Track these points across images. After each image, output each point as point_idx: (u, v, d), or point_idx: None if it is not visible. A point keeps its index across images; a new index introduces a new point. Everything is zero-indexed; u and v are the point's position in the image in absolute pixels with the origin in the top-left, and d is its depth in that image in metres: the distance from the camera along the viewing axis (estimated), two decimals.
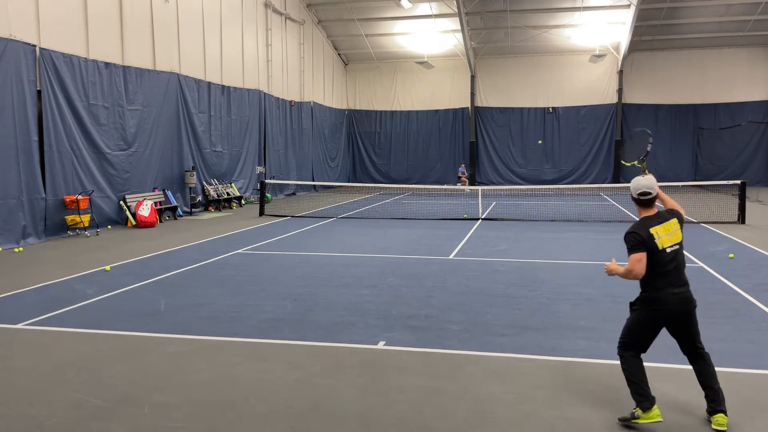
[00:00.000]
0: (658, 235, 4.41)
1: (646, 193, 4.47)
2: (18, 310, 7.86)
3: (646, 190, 4.47)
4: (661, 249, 4.40)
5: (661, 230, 4.44)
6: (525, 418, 4.61)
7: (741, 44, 30.89)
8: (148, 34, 17.89)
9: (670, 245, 4.42)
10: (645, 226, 4.44)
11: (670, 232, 4.45)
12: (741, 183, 16.61)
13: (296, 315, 7.51)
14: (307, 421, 4.59)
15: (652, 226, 4.44)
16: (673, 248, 4.43)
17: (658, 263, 4.40)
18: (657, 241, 4.40)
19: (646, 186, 4.48)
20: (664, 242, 4.41)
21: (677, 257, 4.44)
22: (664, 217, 4.50)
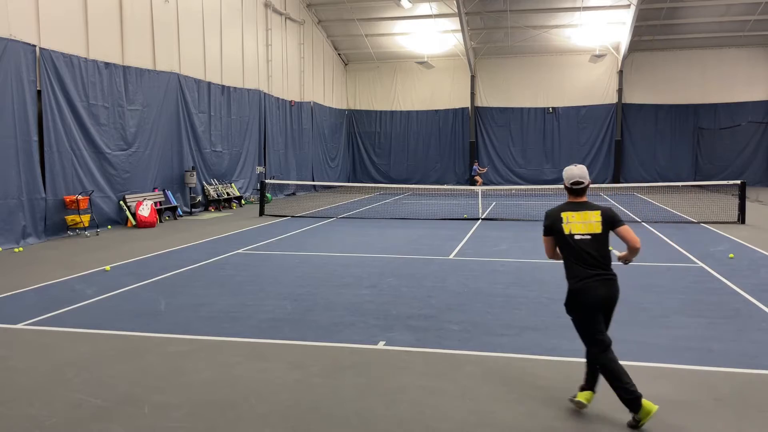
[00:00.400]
0: (568, 220, 4.54)
1: (578, 182, 4.63)
2: (18, 310, 7.86)
3: (578, 179, 4.63)
4: (568, 233, 4.52)
5: (576, 217, 4.54)
6: (525, 418, 4.61)
7: (741, 44, 30.89)
8: (148, 34, 17.89)
9: (580, 233, 4.51)
10: (559, 209, 4.63)
11: (586, 221, 4.52)
12: (741, 183, 16.61)
13: (296, 315, 7.51)
14: (307, 421, 4.59)
15: (567, 210, 4.59)
16: (583, 237, 4.50)
17: (568, 249, 4.56)
18: (564, 225, 4.54)
19: (578, 175, 4.63)
20: (573, 228, 4.52)
21: (591, 247, 4.50)
22: (587, 206, 4.59)
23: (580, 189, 4.63)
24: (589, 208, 4.57)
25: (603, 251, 4.52)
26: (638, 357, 5.85)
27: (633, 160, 32.79)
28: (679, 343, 6.28)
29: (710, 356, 5.88)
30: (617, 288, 4.55)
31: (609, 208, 4.61)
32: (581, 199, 4.65)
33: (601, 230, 4.51)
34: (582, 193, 4.64)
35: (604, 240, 4.54)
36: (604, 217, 4.53)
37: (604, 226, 4.52)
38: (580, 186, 4.62)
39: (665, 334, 6.59)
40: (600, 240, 4.52)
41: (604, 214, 4.54)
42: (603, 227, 4.52)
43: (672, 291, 8.54)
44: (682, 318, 7.19)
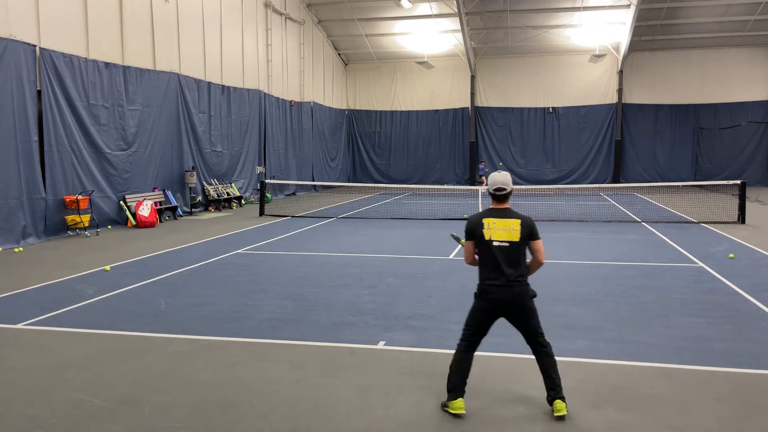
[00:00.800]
0: (489, 226, 4.64)
1: (501, 188, 4.71)
2: (18, 310, 7.86)
3: (501, 186, 4.71)
4: (488, 239, 4.62)
5: (498, 223, 4.63)
6: (525, 418, 4.61)
7: (741, 44, 30.90)
8: (148, 34, 17.90)
9: (499, 240, 4.61)
10: (480, 215, 4.72)
11: (506, 229, 4.62)
12: (741, 183, 16.61)
13: (296, 315, 7.51)
14: (307, 421, 4.59)
15: (488, 216, 4.68)
16: (501, 244, 4.60)
17: (484, 253, 4.66)
18: (485, 230, 4.64)
19: (501, 182, 4.71)
20: (494, 234, 4.62)
21: (506, 253, 4.59)
22: (509, 214, 4.68)
23: (502, 195, 4.72)
24: (510, 216, 4.66)
25: (517, 260, 4.62)
26: (638, 357, 5.86)
27: (633, 160, 32.79)
28: (679, 343, 6.28)
29: (710, 356, 5.88)
30: (523, 296, 4.61)
31: (529, 218, 4.70)
32: (504, 205, 4.74)
33: (520, 239, 4.60)
34: (504, 199, 4.74)
35: (521, 249, 4.63)
36: (524, 227, 4.62)
37: (522, 234, 4.60)
38: (502, 192, 4.71)
39: (665, 334, 6.59)
40: (516, 248, 4.61)
41: (524, 223, 4.63)
42: (521, 236, 4.60)
43: (672, 291, 8.54)
44: (682, 318, 7.18)
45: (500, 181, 4.71)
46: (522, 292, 4.61)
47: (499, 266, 4.59)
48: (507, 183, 4.73)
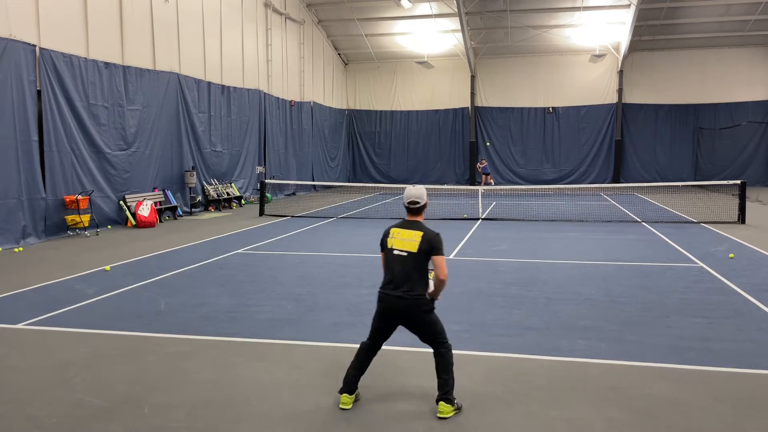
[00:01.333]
0: (393, 235, 4.75)
1: (414, 202, 4.79)
2: (18, 310, 7.86)
3: (414, 199, 4.79)
4: (390, 247, 4.73)
5: (401, 233, 4.72)
6: (525, 418, 4.61)
7: (741, 44, 30.89)
8: (148, 34, 17.89)
9: (399, 249, 4.68)
10: (392, 226, 4.84)
11: (406, 239, 4.68)
12: (741, 183, 16.60)
13: (296, 315, 7.51)
14: (308, 421, 4.59)
15: (397, 227, 4.79)
16: (399, 253, 4.67)
17: (386, 261, 4.77)
18: (390, 239, 4.76)
19: (414, 195, 4.80)
20: (395, 243, 4.71)
21: (402, 263, 4.65)
22: (414, 226, 4.74)
23: (415, 209, 4.80)
24: (416, 228, 4.71)
25: (414, 271, 4.63)
26: (638, 357, 5.86)
27: (633, 160, 32.78)
28: (679, 343, 6.28)
29: (710, 356, 5.88)
30: (412, 309, 4.65)
31: (436, 234, 4.71)
32: (415, 218, 4.82)
33: (417, 250, 4.62)
34: (417, 212, 4.81)
35: (419, 261, 4.64)
36: (424, 239, 4.65)
37: (421, 247, 4.62)
38: (415, 206, 4.79)
39: (665, 334, 6.59)
40: (414, 259, 4.63)
41: (425, 236, 4.66)
42: (419, 248, 4.62)
43: (672, 291, 8.54)
44: (682, 318, 7.19)
45: (413, 195, 4.79)
46: (411, 306, 4.64)
47: (396, 276, 4.67)
48: (420, 197, 4.80)
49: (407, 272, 4.65)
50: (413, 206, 4.80)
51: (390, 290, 4.70)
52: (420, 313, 4.68)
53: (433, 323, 4.75)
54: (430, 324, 4.73)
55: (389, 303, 4.71)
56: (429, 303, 4.74)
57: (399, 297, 4.65)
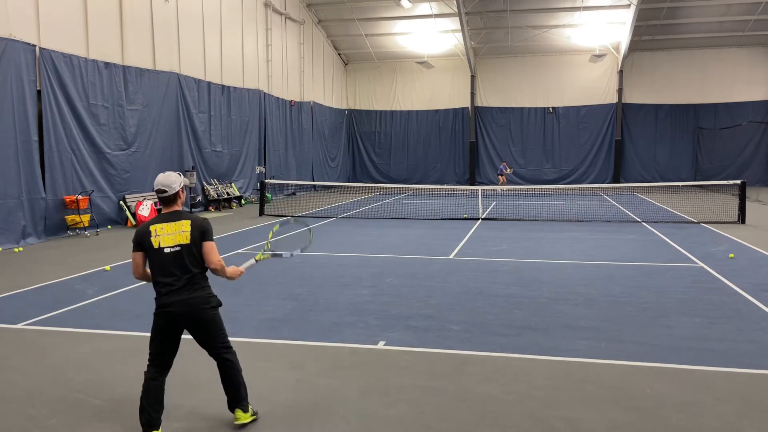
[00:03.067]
0: (157, 233, 4.22)
1: (161, 190, 4.27)
2: (18, 310, 7.86)
3: (160, 187, 4.27)
4: (157, 247, 4.20)
5: (166, 228, 4.22)
6: (525, 418, 4.61)
7: (741, 44, 30.89)
8: (148, 34, 17.89)
9: (170, 245, 4.20)
10: (149, 223, 4.29)
11: (175, 232, 4.22)
12: (741, 183, 16.61)
13: (296, 315, 7.51)
14: (307, 421, 4.59)
15: (157, 222, 4.26)
16: (173, 249, 4.19)
17: (156, 263, 4.23)
18: (153, 238, 4.21)
19: (161, 183, 4.28)
20: (163, 240, 4.20)
21: (178, 259, 4.19)
22: (177, 216, 4.27)
23: (165, 198, 4.29)
24: (180, 218, 4.25)
25: (193, 265, 4.22)
26: (638, 357, 5.86)
27: (633, 160, 32.79)
28: (679, 343, 6.28)
29: (710, 356, 5.88)
30: (200, 306, 4.23)
31: (204, 219, 4.33)
32: (173, 208, 4.32)
33: (190, 241, 4.21)
34: (170, 202, 4.30)
35: (196, 251, 4.23)
36: (194, 227, 4.23)
37: (193, 236, 4.22)
38: (164, 195, 4.27)
39: (665, 334, 6.59)
40: (189, 252, 4.21)
41: (194, 223, 4.25)
42: (192, 237, 4.21)
43: (672, 291, 8.54)
44: (682, 318, 7.18)
45: (161, 182, 4.27)
46: (199, 302, 4.22)
47: (174, 275, 4.18)
48: (168, 184, 4.26)
49: (186, 267, 4.20)
50: (161, 195, 4.27)
51: (173, 294, 4.17)
52: (208, 308, 4.25)
53: (216, 322, 4.33)
54: (214, 323, 4.31)
55: (175, 307, 4.17)
56: (215, 299, 4.33)
57: (186, 298, 4.19)
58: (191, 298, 4.21)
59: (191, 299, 4.21)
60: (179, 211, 4.34)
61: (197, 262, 4.27)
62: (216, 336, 4.36)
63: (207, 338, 4.36)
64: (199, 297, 4.25)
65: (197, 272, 4.27)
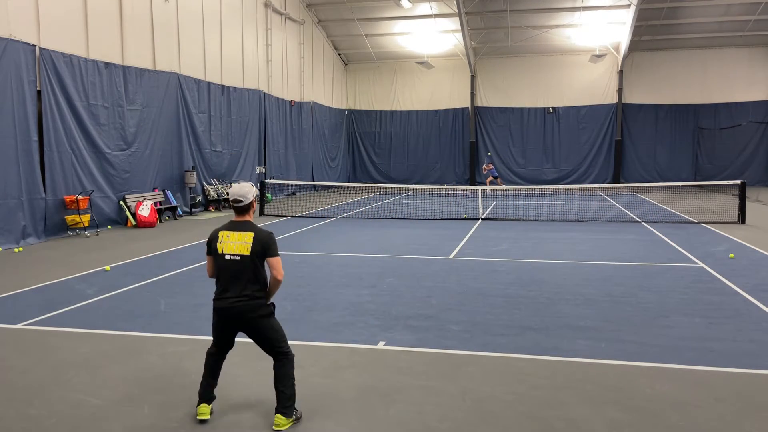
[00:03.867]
0: (223, 239, 4.49)
1: (237, 200, 4.53)
2: (18, 310, 7.86)
3: (237, 197, 4.53)
4: (220, 253, 4.48)
5: (232, 236, 4.48)
6: (525, 418, 4.61)
7: (741, 44, 30.89)
8: (148, 34, 17.89)
9: (231, 253, 4.45)
10: (220, 228, 4.58)
11: (238, 242, 4.46)
12: (741, 183, 16.60)
13: (296, 315, 7.51)
14: (307, 421, 4.59)
15: (226, 230, 4.53)
16: (233, 257, 4.45)
17: (218, 267, 4.52)
18: (219, 244, 4.49)
19: (236, 194, 4.54)
20: (226, 247, 4.47)
21: (235, 268, 4.44)
22: (244, 227, 4.52)
23: (239, 207, 4.55)
24: (246, 230, 4.50)
25: (248, 275, 4.45)
26: (638, 357, 5.86)
27: (633, 160, 32.78)
28: (679, 343, 6.28)
29: (710, 356, 5.88)
30: (247, 314, 4.47)
31: (269, 234, 4.54)
32: (243, 218, 4.58)
33: (250, 253, 4.43)
34: (243, 212, 4.56)
35: (252, 263, 4.45)
36: (257, 241, 4.46)
37: (254, 249, 4.44)
38: (239, 204, 4.54)
39: (665, 334, 6.59)
40: (247, 263, 4.44)
41: (257, 237, 4.47)
42: (252, 250, 4.44)
43: (672, 291, 8.54)
44: (682, 318, 7.19)
45: (236, 193, 4.54)
46: (246, 310, 4.45)
47: (229, 281, 4.46)
48: (243, 194, 4.53)
49: (242, 277, 4.45)
50: (237, 204, 4.54)
51: (225, 298, 4.48)
52: (257, 317, 4.48)
53: (271, 329, 4.54)
54: (268, 329, 4.52)
55: (225, 311, 4.50)
56: (267, 307, 4.53)
57: (234, 303, 4.45)
58: (240, 305, 4.46)
59: (241, 306, 4.46)
60: (248, 222, 4.58)
61: (254, 274, 4.47)
62: (270, 340, 4.56)
63: (260, 342, 4.59)
64: (246, 304, 4.46)
65: (251, 282, 4.47)
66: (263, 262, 4.52)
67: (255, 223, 4.62)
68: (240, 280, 4.44)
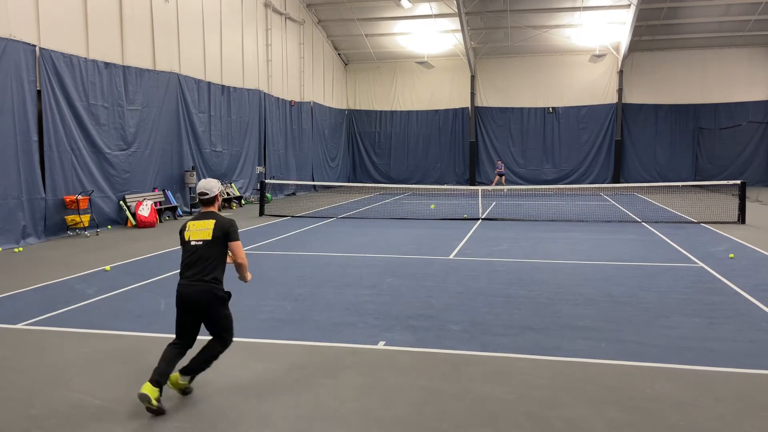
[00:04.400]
0: (190, 228, 4.96)
1: (203, 193, 5.04)
2: (18, 310, 7.86)
3: (203, 190, 5.04)
4: (187, 240, 4.95)
5: (197, 224, 4.95)
6: (525, 418, 4.61)
7: (741, 44, 30.90)
8: (148, 34, 17.89)
9: (196, 239, 4.90)
10: (189, 219, 5.05)
11: (201, 229, 4.92)
12: (741, 183, 16.60)
13: (296, 315, 7.51)
14: (307, 421, 4.59)
15: (193, 220, 5.00)
16: (197, 243, 4.89)
17: (184, 253, 4.98)
18: (186, 232, 4.97)
19: (203, 187, 5.05)
20: (192, 235, 4.93)
21: (199, 252, 4.86)
22: (207, 216, 4.99)
23: (205, 200, 5.04)
24: (206, 218, 4.96)
25: (209, 259, 4.85)
26: (638, 357, 5.86)
27: (633, 160, 32.78)
28: (679, 343, 6.28)
29: (710, 356, 5.88)
30: (206, 294, 4.80)
31: (230, 220, 4.99)
32: (208, 209, 5.06)
33: (212, 237, 4.86)
34: (208, 203, 5.06)
35: (214, 248, 4.87)
36: (218, 227, 4.89)
37: (215, 234, 4.87)
38: (205, 197, 5.04)
39: (665, 334, 6.59)
40: (209, 247, 4.86)
41: (218, 223, 4.91)
42: (213, 235, 4.86)
43: (672, 291, 8.54)
44: (682, 318, 7.19)
45: (203, 187, 5.05)
46: (205, 290, 4.81)
47: (192, 265, 4.86)
48: (209, 188, 5.03)
49: (203, 260, 4.84)
50: (203, 197, 5.04)
51: (185, 279, 4.85)
52: (214, 299, 4.84)
53: (224, 316, 4.94)
54: (220, 315, 4.91)
55: (184, 290, 4.84)
56: (223, 291, 4.91)
57: (193, 283, 4.81)
58: (199, 284, 4.82)
59: (199, 286, 4.82)
60: (213, 212, 5.04)
61: (213, 257, 4.88)
62: (221, 326, 4.96)
63: (212, 325, 4.96)
64: (205, 285, 4.82)
65: (211, 265, 4.87)
66: (225, 249, 4.94)
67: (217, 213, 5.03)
68: (200, 264, 4.83)
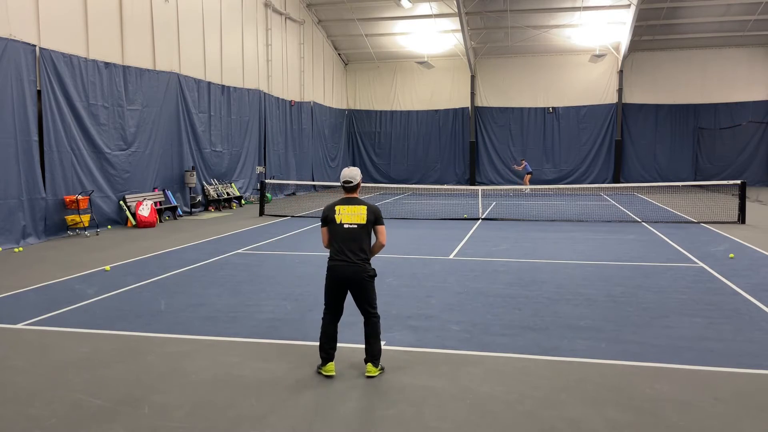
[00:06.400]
0: (340, 212, 5.45)
1: (348, 181, 5.54)
2: (18, 310, 7.86)
3: (347, 179, 5.53)
4: (339, 222, 5.42)
5: (347, 209, 5.46)
6: (525, 418, 4.61)
7: (741, 44, 30.89)
8: (148, 34, 17.89)
9: (348, 222, 5.42)
10: (334, 204, 5.54)
11: (354, 213, 5.44)
12: (741, 183, 16.60)
13: (296, 315, 7.51)
14: (307, 421, 4.59)
15: (340, 204, 5.50)
16: (350, 226, 5.41)
17: (335, 234, 5.45)
18: (337, 215, 5.45)
19: (348, 176, 5.54)
20: (344, 218, 5.43)
21: (353, 234, 5.39)
22: (354, 202, 5.51)
23: (350, 187, 5.54)
24: (358, 203, 5.49)
25: (362, 240, 5.40)
26: (638, 357, 5.86)
27: (633, 160, 32.78)
28: (678, 342, 6.28)
29: (710, 356, 5.88)
30: (361, 273, 5.36)
31: (375, 206, 5.54)
32: (352, 195, 5.57)
33: (366, 221, 5.42)
34: (352, 190, 5.57)
35: (365, 231, 5.42)
36: (369, 212, 5.45)
37: (368, 218, 5.43)
38: (349, 185, 5.54)
39: (665, 334, 6.59)
40: (363, 230, 5.41)
41: (369, 209, 5.47)
42: (367, 219, 5.42)
43: (672, 291, 8.54)
44: (682, 318, 7.19)
45: (347, 175, 5.55)
46: (361, 270, 5.36)
47: (347, 246, 5.37)
48: (353, 176, 5.53)
49: (356, 242, 5.36)
50: (348, 185, 5.53)
51: (341, 260, 5.35)
52: (366, 277, 5.38)
53: (373, 290, 5.48)
54: (370, 290, 5.44)
55: (340, 271, 5.36)
56: (373, 270, 5.45)
57: (350, 264, 5.34)
58: (357, 265, 5.36)
59: (356, 266, 5.36)
60: (357, 198, 5.58)
61: (366, 238, 5.44)
62: (369, 299, 5.46)
63: (361, 299, 5.46)
64: (361, 265, 5.37)
65: (364, 247, 5.42)
66: (371, 230, 5.48)
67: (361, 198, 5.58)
68: (356, 244, 5.37)
